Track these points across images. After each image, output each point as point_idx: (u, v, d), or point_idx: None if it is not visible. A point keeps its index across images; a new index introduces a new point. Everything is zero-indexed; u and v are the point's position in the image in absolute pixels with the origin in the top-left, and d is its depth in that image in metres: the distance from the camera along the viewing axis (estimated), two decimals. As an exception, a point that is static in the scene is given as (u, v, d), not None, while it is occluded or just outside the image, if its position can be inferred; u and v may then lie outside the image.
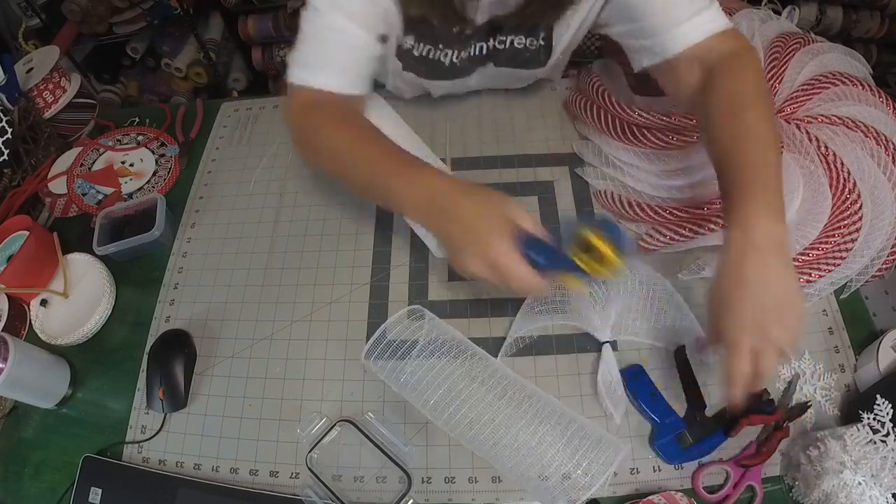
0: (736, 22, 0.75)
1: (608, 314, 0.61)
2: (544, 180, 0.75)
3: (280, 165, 0.80)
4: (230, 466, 0.59)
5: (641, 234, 0.68)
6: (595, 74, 0.79)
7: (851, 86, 0.70)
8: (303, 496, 0.55)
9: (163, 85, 2.11)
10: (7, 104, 0.82)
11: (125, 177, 0.82)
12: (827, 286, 0.62)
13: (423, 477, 0.56)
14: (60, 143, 0.90)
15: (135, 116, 0.91)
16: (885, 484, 0.48)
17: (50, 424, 0.64)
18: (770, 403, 0.57)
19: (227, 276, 0.71)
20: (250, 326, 0.66)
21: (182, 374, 0.62)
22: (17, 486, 0.61)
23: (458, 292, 0.66)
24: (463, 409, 0.57)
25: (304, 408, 0.61)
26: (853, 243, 0.61)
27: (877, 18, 1.91)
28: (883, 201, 0.63)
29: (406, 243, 0.71)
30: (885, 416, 0.51)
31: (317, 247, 0.71)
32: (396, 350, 0.62)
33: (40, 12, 1.79)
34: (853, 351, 0.61)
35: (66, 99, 0.91)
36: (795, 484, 0.53)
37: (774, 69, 0.71)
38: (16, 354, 0.59)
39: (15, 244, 0.72)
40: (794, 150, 0.67)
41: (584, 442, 0.54)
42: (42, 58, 0.92)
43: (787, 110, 0.70)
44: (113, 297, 0.70)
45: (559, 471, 0.54)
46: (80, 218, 0.80)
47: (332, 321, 0.66)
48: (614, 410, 0.56)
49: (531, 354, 0.62)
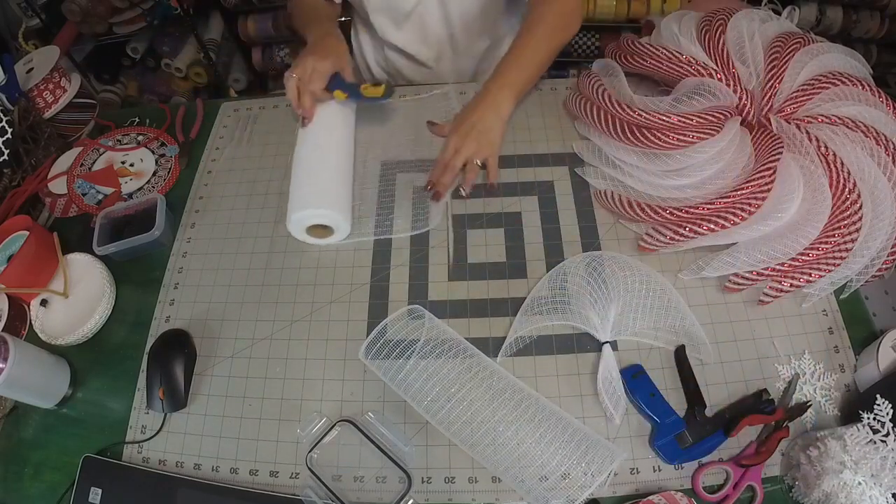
0: (736, 22, 0.75)
1: (608, 314, 0.62)
2: (544, 180, 0.75)
3: (280, 165, 0.80)
4: (230, 466, 0.59)
5: (641, 234, 0.68)
6: (595, 74, 0.79)
7: (851, 86, 0.70)
8: (303, 496, 0.55)
9: (163, 85, 2.11)
10: (7, 104, 0.82)
11: (125, 177, 0.82)
12: (827, 286, 0.62)
13: (423, 477, 0.56)
14: (60, 143, 0.90)
15: (135, 116, 0.91)
16: (885, 484, 0.49)
17: (50, 424, 0.64)
18: (770, 403, 0.57)
19: (227, 276, 0.71)
20: (250, 326, 0.66)
21: (182, 374, 0.62)
22: (17, 486, 0.61)
23: (458, 292, 0.66)
24: (458, 409, 0.57)
25: (304, 408, 0.61)
26: (853, 243, 0.62)
27: (877, 18, 1.91)
28: (883, 201, 0.63)
29: (406, 243, 0.71)
30: (885, 416, 0.51)
31: (317, 247, 0.71)
32: (394, 349, 0.62)
33: (40, 12, 1.79)
34: (853, 351, 0.61)
35: (66, 99, 0.91)
36: (795, 484, 0.53)
37: (774, 69, 0.71)
38: (16, 354, 0.59)
39: (15, 244, 0.72)
40: (794, 150, 0.67)
41: (581, 444, 0.55)
42: (42, 58, 0.92)
43: (787, 110, 0.70)
44: (113, 297, 0.70)
45: (557, 471, 0.54)
46: (80, 218, 0.80)
47: (332, 321, 0.66)
48: (614, 410, 0.57)
49: (531, 354, 0.62)
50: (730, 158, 0.68)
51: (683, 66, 0.72)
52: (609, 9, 1.85)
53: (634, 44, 0.78)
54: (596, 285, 0.64)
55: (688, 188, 0.68)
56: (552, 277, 0.66)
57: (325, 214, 0.67)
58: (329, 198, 0.68)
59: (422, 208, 0.73)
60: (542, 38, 0.76)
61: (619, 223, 0.70)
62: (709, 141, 0.68)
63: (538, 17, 0.77)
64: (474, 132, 0.71)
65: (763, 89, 0.72)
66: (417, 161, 0.78)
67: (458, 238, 0.71)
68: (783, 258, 0.62)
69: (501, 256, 0.69)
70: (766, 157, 0.65)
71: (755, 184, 0.64)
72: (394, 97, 0.86)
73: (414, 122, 0.82)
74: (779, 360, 0.61)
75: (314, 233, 0.69)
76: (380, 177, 0.77)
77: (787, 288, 0.62)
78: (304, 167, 0.70)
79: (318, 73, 0.72)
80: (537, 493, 0.54)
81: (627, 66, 0.78)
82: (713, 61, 0.72)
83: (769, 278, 0.63)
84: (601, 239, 0.69)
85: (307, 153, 0.72)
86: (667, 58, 0.73)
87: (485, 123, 0.72)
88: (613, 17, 1.87)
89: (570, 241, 0.69)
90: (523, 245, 0.69)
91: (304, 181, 0.69)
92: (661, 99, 0.73)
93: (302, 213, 0.66)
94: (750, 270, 0.63)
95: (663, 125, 0.69)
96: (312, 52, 0.74)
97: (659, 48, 0.74)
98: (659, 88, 0.80)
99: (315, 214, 0.66)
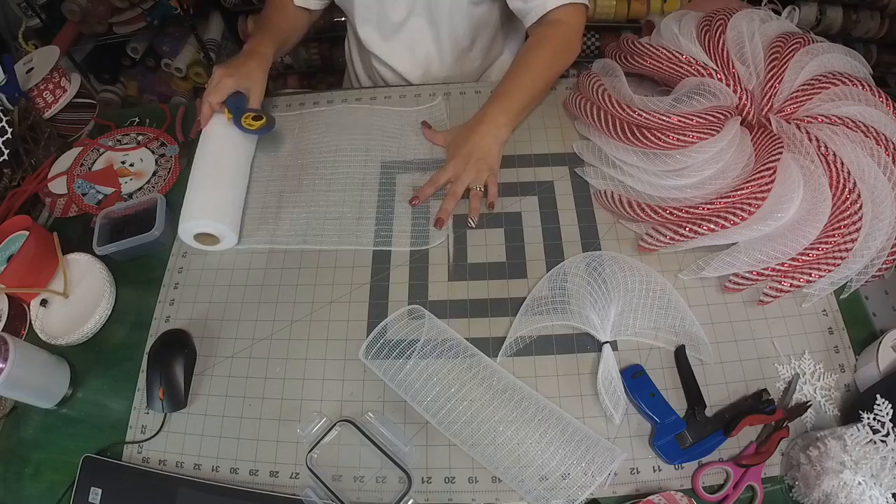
0: (736, 22, 0.75)
1: (608, 314, 0.62)
2: (544, 180, 0.75)
3: (280, 165, 0.80)
4: (230, 466, 0.59)
5: (641, 234, 0.68)
6: (595, 74, 0.79)
7: (851, 86, 0.70)
8: (303, 496, 0.55)
9: (163, 85, 2.11)
10: (7, 104, 0.82)
11: (125, 177, 0.82)
12: (827, 286, 0.62)
13: (423, 477, 0.56)
14: (60, 143, 0.90)
15: (135, 116, 0.91)
16: (885, 484, 0.49)
17: (50, 424, 0.64)
18: (770, 403, 0.57)
19: (227, 276, 0.71)
20: (250, 326, 0.66)
21: (182, 374, 0.62)
22: (17, 486, 0.61)
23: (457, 292, 0.66)
24: (458, 409, 0.57)
25: (304, 408, 0.61)
26: (853, 243, 0.62)
27: (877, 18, 1.91)
28: (883, 201, 0.63)
29: (407, 242, 0.71)
30: (885, 416, 0.51)
31: (317, 247, 0.71)
32: (394, 349, 0.62)
33: (40, 12, 1.79)
34: (853, 351, 0.61)
35: (66, 99, 0.91)
36: (795, 484, 0.53)
37: (774, 69, 0.71)
38: (16, 354, 0.59)
39: (15, 244, 0.72)
40: (794, 150, 0.67)
41: (581, 444, 0.55)
42: (42, 58, 0.92)
43: (787, 110, 0.70)
44: (113, 297, 0.70)
45: (557, 471, 0.54)
46: (80, 218, 0.80)
47: (332, 321, 0.66)
48: (614, 410, 0.57)
49: (531, 354, 0.62)
50: (730, 158, 0.68)
51: (683, 66, 0.72)
52: (609, 9, 1.85)
53: (634, 44, 0.78)
54: (596, 285, 0.64)
55: (688, 188, 0.68)
56: (552, 277, 0.66)
57: (208, 224, 0.69)
58: (213, 209, 0.69)
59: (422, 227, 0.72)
60: (542, 64, 0.76)
61: (619, 223, 0.70)
62: (709, 141, 0.68)
63: (539, 43, 0.78)
64: (473, 159, 0.72)
65: (763, 89, 0.72)
66: (418, 161, 0.78)
67: (458, 238, 0.71)
68: (783, 258, 0.62)
69: (501, 256, 0.69)
70: (766, 157, 0.65)
71: (755, 184, 0.64)
72: (392, 99, 0.86)
73: (414, 122, 0.82)
74: (779, 360, 0.61)
75: (203, 240, 0.71)
76: (380, 177, 0.77)
77: (787, 288, 0.62)
78: (195, 179, 0.72)
79: (220, 87, 0.74)
80: (537, 493, 0.54)
81: (627, 66, 0.78)
82: (713, 61, 0.72)
83: (769, 278, 0.63)
84: (601, 239, 0.69)
85: (199, 164, 0.73)
86: (667, 58, 0.73)
87: (482, 150, 0.72)
88: (613, 17, 1.88)
89: (570, 241, 0.69)
90: (523, 245, 0.69)
91: (191, 193, 0.71)
92: (661, 99, 0.73)
93: (185, 223, 0.68)
94: (750, 270, 0.63)
95: (663, 125, 0.69)
96: (228, 66, 0.76)
97: (659, 48, 0.74)
98: (659, 88, 0.80)
99: (199, 224, 0.68)
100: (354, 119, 0.84)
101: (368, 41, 0.92)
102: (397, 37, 0.90)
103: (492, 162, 0.73)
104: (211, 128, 0.75)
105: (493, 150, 0.73)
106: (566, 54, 0.79)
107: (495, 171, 0.73)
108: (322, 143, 0.81)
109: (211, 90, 0.74)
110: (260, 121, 0.74)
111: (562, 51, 0.78)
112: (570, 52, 0.79)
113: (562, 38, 0.77)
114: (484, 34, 0.92)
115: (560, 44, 0.77)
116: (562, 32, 0.77)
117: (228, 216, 0.71)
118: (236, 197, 0.74)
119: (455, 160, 0.72)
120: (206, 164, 0.73)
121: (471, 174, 0.71)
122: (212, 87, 0.74)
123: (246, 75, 0.76)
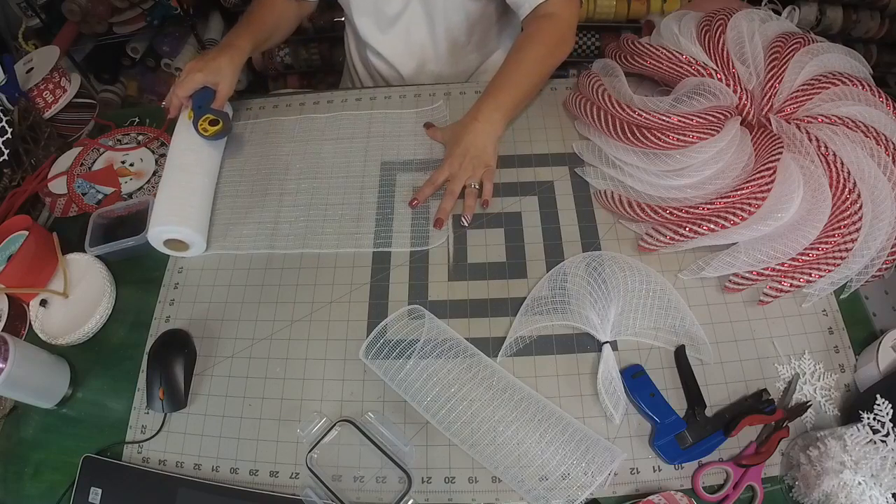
0: (736, 22, 0.75)
1: (608, 314, 0.62)
2: (544, 180, 0.75)
3: (280, 165, 0.80)
4: (230, 466, 0.59)
5: (641, 234, 0.68)
6: (595, 74, 0.79)
7: (851, 86, 0.70)
8: (303, 496, 0.55)
9: (163, 85, 2.11)
10: (7, 104, 0.82)
11: (125, 177, 0.82)
12: (827, 286, 0.62)
13: (423, 477, 0.56)
14: (60, 143, 0.90)
15: (135, 116, 0.91)
16: (885, 484, 0.49)
17: (50, 424, 0.64)
18: (770, 403, 0.57)
19: (227, 276, 0.71)
20: (250, 326, 0.66)
21: (182, 374, 0.62)
22: (17, 486, 0.61)
23: (457, 292, 0.66)
24: (458, 409, 0.57)
25: (304, 408, 0.61)
26: (853, 243, 0.62)
27: (877, 18, 1.92)
28: (883, 201, 0.63)
29: (407, 243, 0.71)
30: (885, 416, 0.51)
31: (317, 247, 0.71)
32: (394, 349, 0.62)
33: (40, 12, 1.78)
34: (853, 351, 0.61)
35: (66, 99, 0.91)
36: (795, 484, 0.53)
37: (774, 69, 0.71)
38: (16, 354, 0.58)
39: (15, 244, 0.71)
40: (794, 150, 0.67)
41: (581, 444, 0.55)
42: (42, 58, 0.92)
43: (787, 110, 0.70)
44: (113, 297, 0.70)
45: (556, 471, 0.54)
46: (80, 218, 0.80)
47: (332, 321, 0.66)
48: (614, 410, 0.57)
49: (531, 354, 0.62)
50: (730, 158, 0.68)
51: (683, 66, 0.72)
52: (609, 9, 1.86)
53: (634, 44, 0.78)
54: (596, 285, 0.64)
55: (688, 188, 0.68)
56: (552, 277, 0.66)
57: (178, 231, 0.69)
58: (183, 215, 0.69)
59: (422, 228, 0.72)
60: (535, 58, 0.76)
61: (619, 223, 0.70)
62: (709, 141, 0.68)
63: (531, 37, 0.78)
64: (469, 156, 0.72)
65: (763, 89, 0.72)
66: (418, 161, 0.78)
67: (458, 238, 0.71)
68: (783, 258, 0.62)
69: (501, 256, 0.69)
70: (766, 157, 0.65)
71: (755, 184, 0.64)
72: (392, 99, 0.86)
73: (414, 122, 0.82)
74: (779, 360, 0.61)
75: (172, 246, 0.71)
76: (380, 178, 0.77)
77: (787, 288, 0.62)
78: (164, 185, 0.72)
79: (188, 81, 0.74)
80: (537, 493, 0.54)
81: (627, 66, 0.78)
82: (713, 61, 0.72)
83: (769, 278, 0.63)
84: (601, 239, 0.69)
85: (168, 170, 0.73)
86: (667, 58, 0.73)
87: (478, 147, 0.72)
88: (613, 17, 1.88)
89: (570, 241, 0.69)
90: (523, 245, 0.69)
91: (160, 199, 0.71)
92: (661, 99, 0.73)
93: (154, 229, 0.68)
94: (750, 270, 0.63)
95: (663, 125, 0.69)
96: (200, 59, 0.76)
97: (659, 48, 0.74)
98: (659, 88, 0.80)
99: (168, 230, 0.68)
100: (355, 126, 0.83)
101: (365, 33, 0.92)
102: (393, 29, 0.90)
103: (487, 159, 0.73)
104: (179, 132, 0.76)
105: (489, 146, 0.73)
106: (559, 48, 0.78)
107: (491, 168, 0.73)
108: (322, 146, 0.81)
109: (179, 83, 0.75)
110: (216, 126, 0.74)
111: (554, 45, 0.78)
112: (564, 46, 0.79)
113: (554, 32, 0.77)
114: (479, 28, 0.92)
115: (553, 38, 0.77)
116: (555, 26, 0.77)
117: (194, 221, 0.70)
118: (202, 202, 0.73)
119: (451, 158, 0.73)
120: (174, 168, 0.73)
121: (467, 171, 0.71)
122: (180, 80, 0.75)
123: (216, 70, 0.75)
